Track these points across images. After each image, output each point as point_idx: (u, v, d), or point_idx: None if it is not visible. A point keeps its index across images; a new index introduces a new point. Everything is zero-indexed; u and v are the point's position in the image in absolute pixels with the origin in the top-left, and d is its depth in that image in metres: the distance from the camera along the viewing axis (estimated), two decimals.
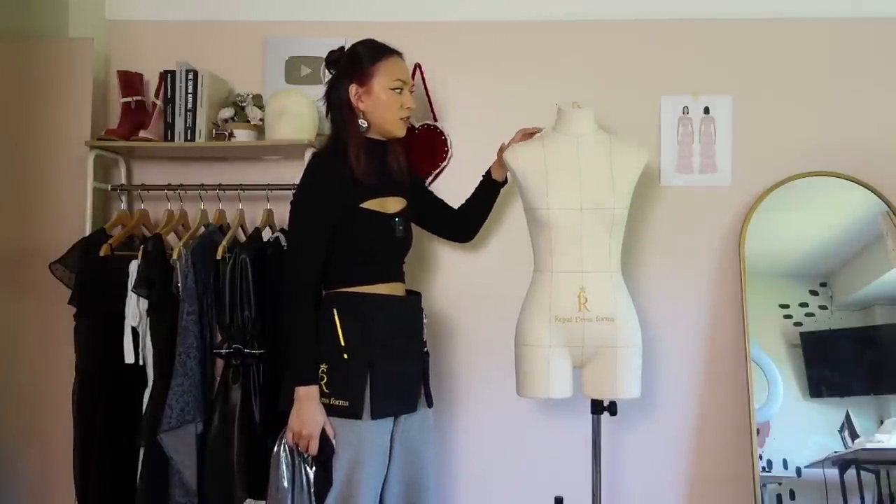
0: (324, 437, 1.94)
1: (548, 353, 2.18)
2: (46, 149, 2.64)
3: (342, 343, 1.97)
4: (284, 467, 1.97)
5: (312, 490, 1.96)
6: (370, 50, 2.08)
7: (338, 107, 2.08)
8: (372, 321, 2.00)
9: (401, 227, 2.11)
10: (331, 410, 1.95)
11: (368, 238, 2.05)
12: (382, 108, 2.05)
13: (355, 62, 2.08)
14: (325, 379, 1.96)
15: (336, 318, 1.99)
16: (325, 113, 2.15)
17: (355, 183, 2.04)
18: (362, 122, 2.07)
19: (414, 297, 2.18)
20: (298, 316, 1.97)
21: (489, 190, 2.38)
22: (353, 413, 1.94)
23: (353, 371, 1.96)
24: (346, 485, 1.94)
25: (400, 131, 2.11)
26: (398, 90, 2.06)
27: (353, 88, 2.06)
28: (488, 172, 2.37)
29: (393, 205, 2.11)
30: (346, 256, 2.03)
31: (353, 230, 2.03)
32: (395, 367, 2.03)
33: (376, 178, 2.07)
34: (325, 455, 1.94)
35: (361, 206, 2.04)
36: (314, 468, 1.97)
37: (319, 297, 2.05)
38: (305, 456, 1.97)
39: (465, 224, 2.42)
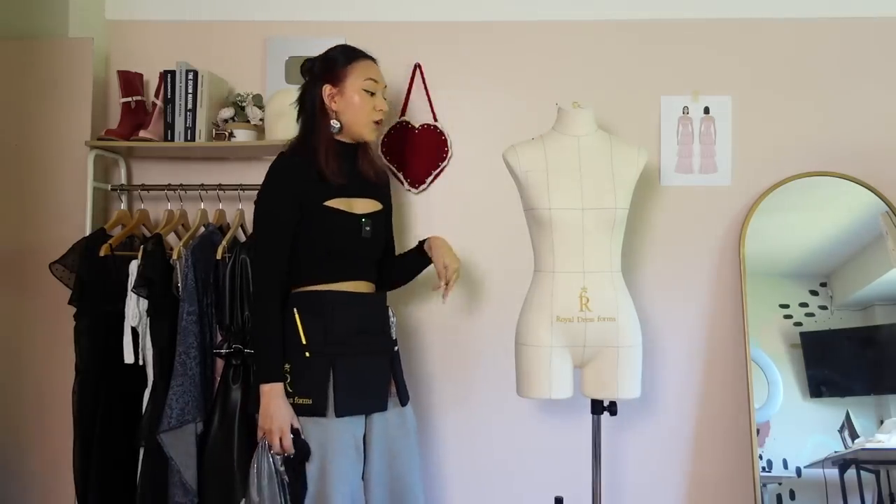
0: (299, 437, 1.94)
1: (549, 353, 2.18)
2: (46, 149, 2.65)
3: (303, 341, 1.99)
4: (256, 477, 1.95)
5: (288, 497, 1.94)
6: (345, 53, 2.11)
7: (310, 108, 2.10)
8: (332, 318, 2.01)
9: (367, 228, 2.08)
10: (296, 409, 1.96)
11: (331, 237, 2.04)
12: (354, 110, 2.06)
13: (330, 64, 2.10)
14: (289, 378, 1.98)
15: (297, 316, 2.01)
16: (296, 117, 2.14)
17: (320, 182, 2.04)
18: (334, 123, 2.08)
19: (377, 295, 2.15)
20: (263, 316, 2.00)
21: (419, 260, 2.22)
22: (318, 411, 1.95)
23: (316, 369, 1.98)
24: (318, 484, 1.93)
25: (370, 135, 2.11)
26: (370, 91, 2.07)
27: (326, 89, 2.07)
28: (423, 242, 2.21)
29: (362, 206, 2.11)
30: (309, 255, 2.04)
31: (317, 228, 2.03)
32: (358, 365, 2.02)
33: (345, 180, 2.07)
34: (301, 454, 1.93)
35: (325, 204, 2.04)
36: (286, 474, 1.95)
37: (286, 296, 2.04)
38: (280, 458, 1.94)
39: (388, 275, 2.24)
